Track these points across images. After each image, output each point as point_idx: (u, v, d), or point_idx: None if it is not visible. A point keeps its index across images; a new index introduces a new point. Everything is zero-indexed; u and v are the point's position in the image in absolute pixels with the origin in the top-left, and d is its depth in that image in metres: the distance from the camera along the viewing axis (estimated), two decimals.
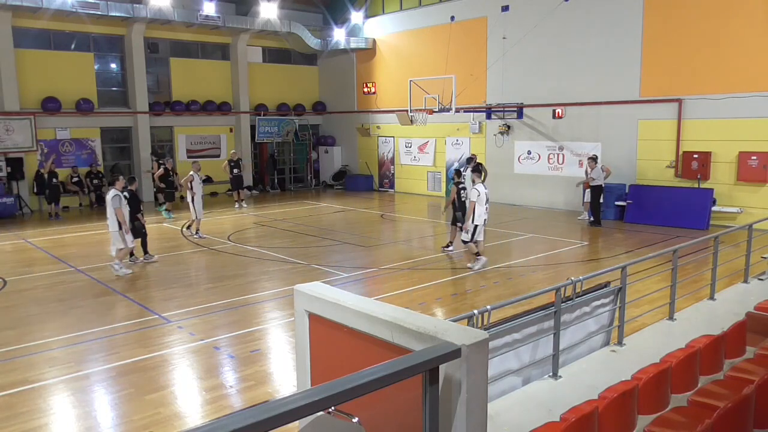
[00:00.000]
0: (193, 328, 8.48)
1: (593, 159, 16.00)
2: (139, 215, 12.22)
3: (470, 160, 15.81)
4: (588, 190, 16.37)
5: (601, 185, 15.91)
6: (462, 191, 12.46)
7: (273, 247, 13.87)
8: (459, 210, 12.45)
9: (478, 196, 11.20)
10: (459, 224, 12.26)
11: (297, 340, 3.75)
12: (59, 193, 19.51)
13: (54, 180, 19.21)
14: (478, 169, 11.86)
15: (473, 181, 11.53)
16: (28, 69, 20.12)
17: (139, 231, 12.29)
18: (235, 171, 19.61)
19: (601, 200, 16.12)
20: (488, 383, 2.91)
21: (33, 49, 20.35)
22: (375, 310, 3.05)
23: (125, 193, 11.66)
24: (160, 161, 20.70)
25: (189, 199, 15.01)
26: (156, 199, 21.39)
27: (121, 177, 11.96)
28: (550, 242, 14.17)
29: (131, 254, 12.27)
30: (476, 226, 11.29)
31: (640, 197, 16.49)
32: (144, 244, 12.64)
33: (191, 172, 15.01)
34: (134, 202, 12.04)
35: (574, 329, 5.77)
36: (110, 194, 11.27)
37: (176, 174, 18.90)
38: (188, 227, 15.52)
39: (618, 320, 6.10)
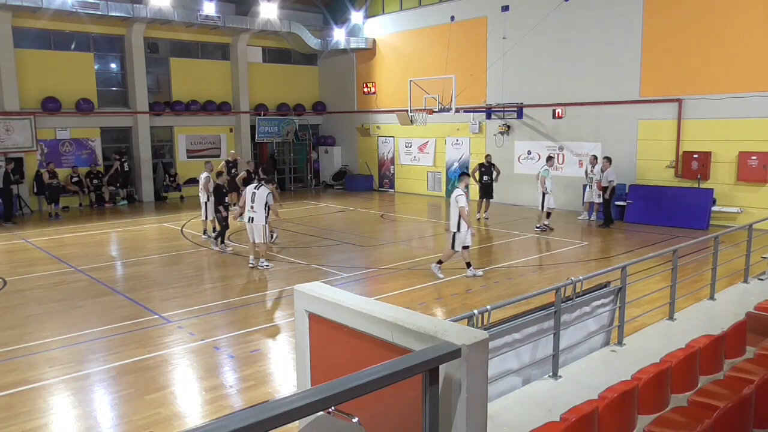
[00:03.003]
0: (193, 328, 8.47)
1: (608, 159, 15.78)
2: (221, 207, 13.19)
3: (550, 158, 15.97)
4: (595, 191, 16.20)
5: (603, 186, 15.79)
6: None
7: (273, 247, 13.86)
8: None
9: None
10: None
11: (297, 340, 3.75)
12: (59, 194, 19.53)
13: (54, 181, 19.22)
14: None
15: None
16: (28, 69, 20.11)
17: (221, 221, 13.35)
18: (233, 171, 19.31)
19: (600, 200, 16.04)
20: (488, 383, 2.91)
21: (33, 49, 20.34)
22: (375, 310, 3.04)
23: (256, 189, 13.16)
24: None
25: (204, 200, 14.58)
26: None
27: (273, 179, 13.07)
28: (550, 242, 14.17)
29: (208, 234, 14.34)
30: None
31: (640, 197, 16.48)
32: (223, 235, 13.59)
33: (206, 174, 14.70)
34: (220, 195, 13.24)
35: (574, 329, 5.77)
36: (264, 191, 11.83)
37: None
38: (204, 232, 15.00)
39: (618, 320, 6.10)
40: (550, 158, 16.12)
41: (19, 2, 18.02)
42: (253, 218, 11.69)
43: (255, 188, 11.82)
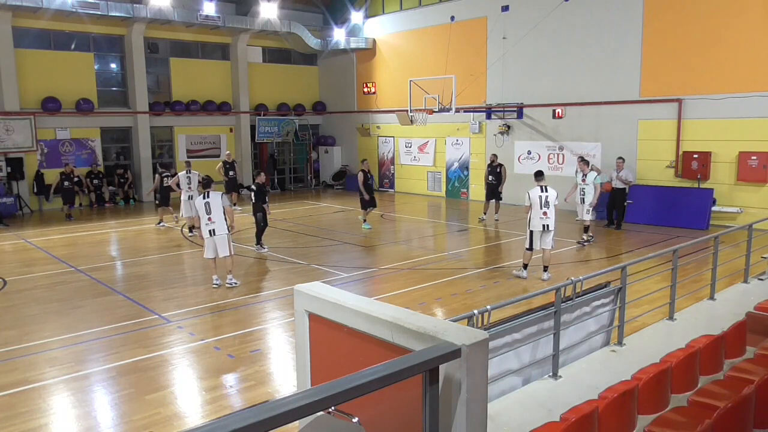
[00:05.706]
0: (193, 328, 8.47)
1: (622, 159, 15.57)
2: (264, 206, 13.32)
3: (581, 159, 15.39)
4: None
5: (619, 188, 15.53)
6: (165, 179, 15.51)
7: (273, 247, 13.86)
8: (160, 193, 15.96)
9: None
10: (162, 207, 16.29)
11: (297, 340, 3.75)
12: (73, 195, 19.12)
13: (66, 183, 18.58)
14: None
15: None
16: (28, 69, 20.11)
17: (259, 221, 13.38)
18: (231, 173, 18.88)
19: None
20: (488, 383, 2.91)
21: (33, 49, 20.35)
22: (375, 310, 3.04)
23: (253, 186, 13.27)
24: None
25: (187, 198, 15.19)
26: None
27: (208, 181, 11.17)
28: None
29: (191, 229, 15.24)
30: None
31: (640, 197, 16.47)
32: (260, 235, 13.63)
33: (197, 173, 15.15)
34: (260, 195, 13.24)
35: (574, 329, 5.77)
36: (216, 197, 10.68)
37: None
38: (190, 229, 15.41)
39: (618, 320, 6.10)
40: (581, 159, 14.80)
41: (19, 2, 18.03)
42: (214, 230, 10.42)
43: (205, 198, 10.55)
